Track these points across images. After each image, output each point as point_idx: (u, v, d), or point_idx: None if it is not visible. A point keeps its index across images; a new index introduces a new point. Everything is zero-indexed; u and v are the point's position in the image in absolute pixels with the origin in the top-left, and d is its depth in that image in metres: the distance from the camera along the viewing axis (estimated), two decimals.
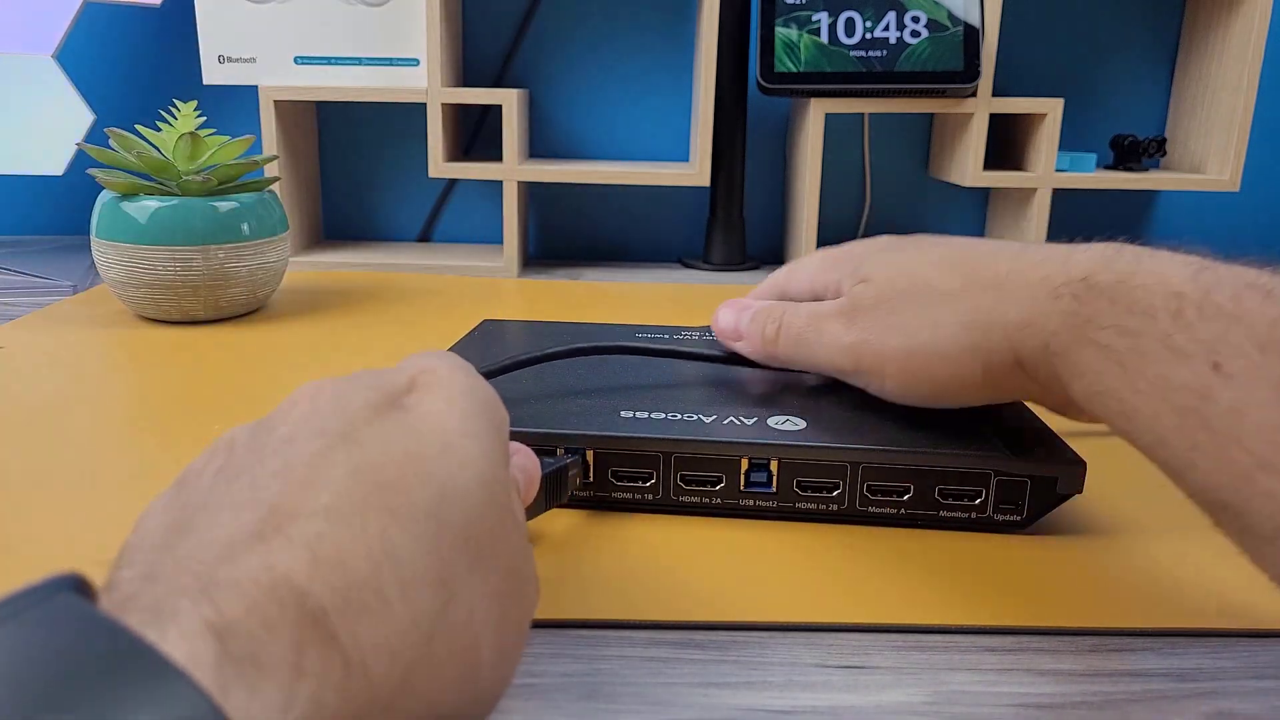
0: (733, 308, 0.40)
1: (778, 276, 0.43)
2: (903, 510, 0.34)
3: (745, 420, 0.35)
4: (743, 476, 0.34)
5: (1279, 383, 0.24)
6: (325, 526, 0.18)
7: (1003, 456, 0.33)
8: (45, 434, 0.42)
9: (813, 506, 0.34)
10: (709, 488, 0.34)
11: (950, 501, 0.34)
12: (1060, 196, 0.89)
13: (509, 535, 0.22)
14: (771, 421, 0.35)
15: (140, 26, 0.87)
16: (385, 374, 0.24)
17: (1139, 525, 0.34)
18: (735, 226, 0.86)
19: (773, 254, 0.92)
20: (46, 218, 0.91)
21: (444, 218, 0.92)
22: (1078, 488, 0.33)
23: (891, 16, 0.77)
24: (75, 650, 0.15)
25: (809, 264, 0.41)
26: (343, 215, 0.92)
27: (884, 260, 0.36)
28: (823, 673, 0.26)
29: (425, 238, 0.92)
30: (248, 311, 0.63)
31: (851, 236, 0.92)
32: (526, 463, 0.29)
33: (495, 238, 0.90)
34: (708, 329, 0.46)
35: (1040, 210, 0.80)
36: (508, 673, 0.22)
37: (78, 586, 0.16)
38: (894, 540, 0.33)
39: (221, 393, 0.48)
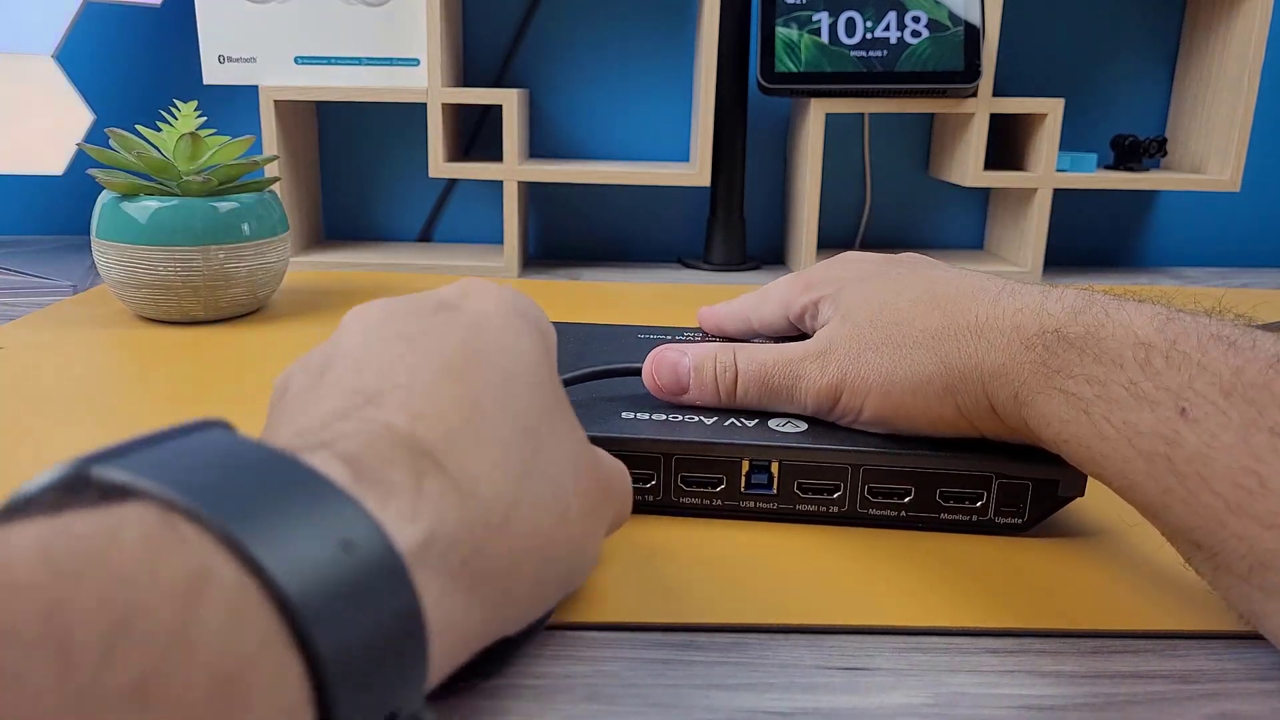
0: (670, 355, 0.37)
1: (744, 303, 0.42)
2: (903, 512, 0.34)
3: (746, 422, 0.35)
4: (744, 478, 0.34)
5: (1244, 427, 0.25)
6: (409, 396, 0.21)
7: (1004, 459, 0.33)
8: (45, 434, 0.42)
9: (813, 508, 0.34)
10: (710, 489, 0.34)
11: (951, 504, 0.34)
12: (1061, 196, 0.89)
13: (567, 415, 0.25)
14: (773, 423, 0.35)
15: (140, 26, 0.87)
16: (436, 291, 0.27)
17: (1141, 527, 0.34)
18: (735, 226, 0.86)
19: (773, 254, 0.92)
20: (46, 218, 0.91)
21: (444, 218, 0.92)
22: (1079, 491, 0.33)
23: (892, 16, 0.77)
24: (233, 460, 0.17)
25: (778, 290, 0.40)
26: (343, 215, 0.92)
27: (861, 293, 0.35)
28: (824, 674, 0.26)
29: (425, 238, 0.92)
30: (248, 312, 0.63)
31: (852, 236, 0.92)
32: None
33: (495, 238, 0.90)
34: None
35: (1041, 210, 0.80)
36: (593, 540, 0.25)
37: (227, 427, 0.19)
38: (895, 542, 0.33)
39: (221, 393, 0.48)
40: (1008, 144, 0.85)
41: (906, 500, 0.34)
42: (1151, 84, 0.89)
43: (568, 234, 0.93)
